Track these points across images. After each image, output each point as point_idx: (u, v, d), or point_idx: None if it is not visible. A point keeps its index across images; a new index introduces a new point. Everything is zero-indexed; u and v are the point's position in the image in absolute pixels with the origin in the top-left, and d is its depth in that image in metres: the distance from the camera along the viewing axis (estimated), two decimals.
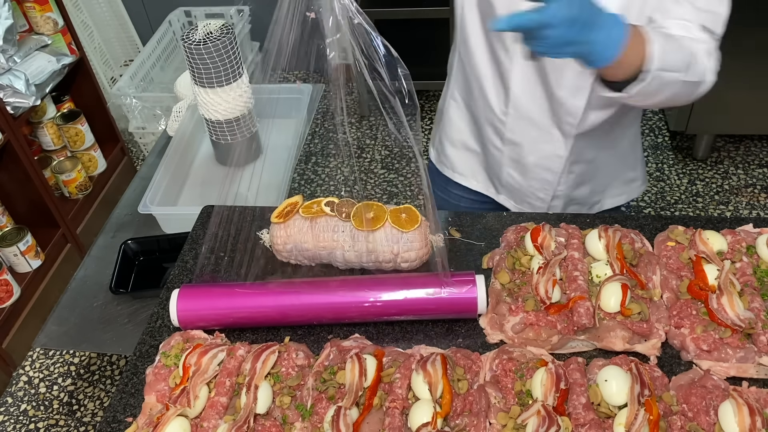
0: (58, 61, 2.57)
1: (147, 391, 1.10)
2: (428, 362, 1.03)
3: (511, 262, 1.21)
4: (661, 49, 1.08)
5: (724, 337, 1.06)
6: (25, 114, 2.45)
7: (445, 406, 0.99)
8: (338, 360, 1.09)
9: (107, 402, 2.31)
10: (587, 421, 0.96)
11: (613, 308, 1.10)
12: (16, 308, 2.40)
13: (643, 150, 2.86)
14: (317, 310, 1.17)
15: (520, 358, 1.07)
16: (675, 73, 1.11)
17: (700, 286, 1.12)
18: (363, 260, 1.25)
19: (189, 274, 1.33)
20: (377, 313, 1.17)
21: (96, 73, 3.09)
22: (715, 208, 2.75)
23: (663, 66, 1.08)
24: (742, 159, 2.96)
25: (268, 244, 1.33)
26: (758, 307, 1.08)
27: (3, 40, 2.32)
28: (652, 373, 1.03)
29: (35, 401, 2.33)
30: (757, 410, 0.94)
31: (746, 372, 1.05)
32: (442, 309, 1.16)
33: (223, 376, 1.07)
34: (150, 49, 3.21)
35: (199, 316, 1.18)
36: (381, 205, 1.26)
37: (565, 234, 1.24)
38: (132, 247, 1.80)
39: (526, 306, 1.12)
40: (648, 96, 1.13)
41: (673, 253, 1.20)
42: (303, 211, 1.27)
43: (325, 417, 1.01)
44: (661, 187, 2.87)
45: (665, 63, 1.08)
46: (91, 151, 2.87)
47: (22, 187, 2.47)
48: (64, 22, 2.66)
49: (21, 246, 2.40)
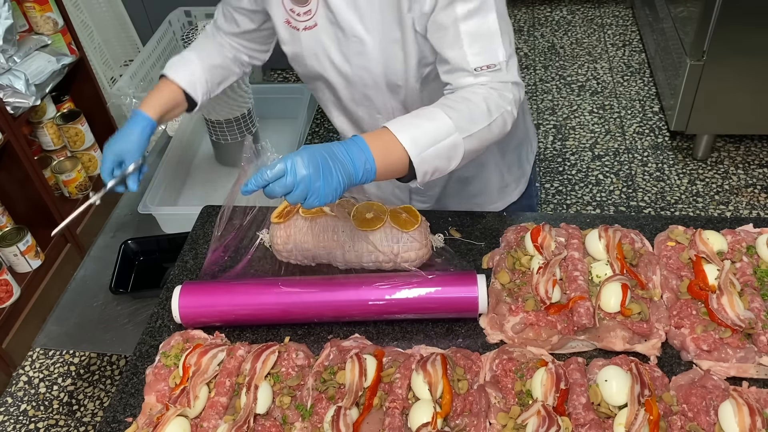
0: (58, 61, 2.56)
1: (147, 391, 1.10)
2: (428, 362, 1.03)
3: (511, 262, 1.21)
4: (409, 137, 1.06)
5: (724, 337, 1.06)
6: (25, 114, 2.45)
7: (445, 406, 0.99)
8: (338, 360, 1.09)
9: (107, 402, 2.31)
10: (587, 421, 0.96)
11: (613, 308, 1.10)
12: (16, 308, 2.40)
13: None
14: (318, 307, 1.17)
15: (520, 358, 1.07)
16: (446, 140, 1.08)
17: (700, 286, 1.12)
18: (363, 260, 1.25)
19: (189, 274, 1.33)
20: (379, 311, 1.17)
21: (96, 73, 3.09)
22: (715, 208, 2.75)
23: (421, 147, 1.06)
24: (742, 159, 2.96)
25: (268, 244, 1.33)
26: (758, 307, 1.08)
27: (3, 40, 2.32)
28: (652, 373, 1.03)
29: (35, 401, 2.33)
30: (757, 410, 0.94)
31: (746, 372, 1.05)
32: (443, 308, 1.16)
33: (223, 376, 1.07)
34: (150, 49, 3.21)
35: (200, 313, 1.19)
36: (381, 205, 1.26)
37: (565, 234, 1.24)
38: (132, 247, 1.80)
39: (526, 306, 1.12)
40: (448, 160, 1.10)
41: (673, 253, 1.20)
42: (303, 212, 1.27)
43: (325, 417, 1.01)
44: (661, 187, 2.87)
45: (421, 144, 1.06)
46: (91, 151, 2.86)
47: (22, 187, 2.47)
48: (64, 22, 2.66)
49: (21, 246, 2.40)
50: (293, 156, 1.00)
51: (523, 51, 3.76)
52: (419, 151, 1.06)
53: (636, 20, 3.89)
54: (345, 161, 1.02)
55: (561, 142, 3.15)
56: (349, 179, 1.02)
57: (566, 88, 3.47)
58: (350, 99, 1.34)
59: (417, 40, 1.20)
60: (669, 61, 3.00)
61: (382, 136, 1.07)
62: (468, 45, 1.14)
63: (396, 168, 1.08)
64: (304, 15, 1.24)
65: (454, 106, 1.11)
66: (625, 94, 3.38)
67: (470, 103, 1.12)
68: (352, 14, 1.20)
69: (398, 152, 1.06)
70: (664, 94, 3.12)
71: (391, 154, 1.06)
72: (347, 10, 1.20)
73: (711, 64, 2.64)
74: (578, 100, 3.38)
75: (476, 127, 1.11)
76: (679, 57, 2.79)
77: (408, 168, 1.08)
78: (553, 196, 2.89)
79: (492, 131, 1.13)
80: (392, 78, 1.26)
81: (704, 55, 2.63)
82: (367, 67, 1.25)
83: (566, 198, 2.87)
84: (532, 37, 3.87)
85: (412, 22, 1.17)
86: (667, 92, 3.05)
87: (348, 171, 1.02)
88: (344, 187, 1.02)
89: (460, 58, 1.15)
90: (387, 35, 1.20)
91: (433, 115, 1.10)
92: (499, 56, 1.15)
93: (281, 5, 1.26)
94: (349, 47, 1.24)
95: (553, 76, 3.55)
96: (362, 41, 1.22)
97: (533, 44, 3.81)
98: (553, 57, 3.69)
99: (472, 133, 1.10)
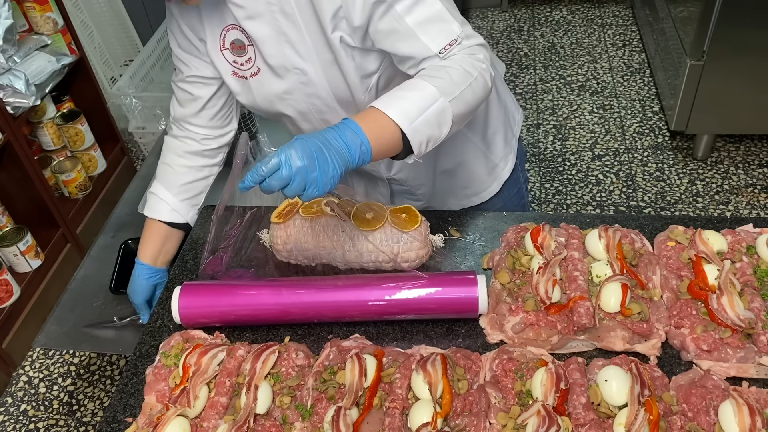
0: (58, 61, 2.57)
1: (147, 391, 1.10)
2: (428, 362, 1.03)
3: (511, 262, 1.21)
4: (398, 110, 1.07)
5: (724, 337, 1.06)
6: (25, 114, 2.45)
7: (445, 406, 0.99)
8: (338, 360, 1.09)
9: (107, 402, 2.31)
10: (587, 421, 0.96)
11: (613, 308, 1.10)
12: (16, 308, 2.40)
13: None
14: (318, 308, 1.17)
15: (520, 358, 1.07)
16: (434, 105, 1.09)
17: (700, 286, 1.12)
18: (363, 260, 1.25)
19: (189, 274, 1.33)
20: (378, 312, 1.17)
21: (96, 73, 3.09)
22: (715, 208, 2.75)
23: (411, 118, 1.08)
24: (742, 159, 2.96)
25: (268, 244, 1.33)
26: (758, 307, 1.08)
27: (3, 40, 2.32)
28: (652, 373, 1.03)
29: (35, 401, 2.33)
30: (757, 410, 0.94)
31: (746, 372, 1.05)
32: (443, 309, 1.16)
33: (223, 376, 1.07)
34: (150, 49, 3.21)
35: (200, 313, 1.18)
36: (381, 205, 1.26)
37: (565, 234, 1.24)
38: (132, 247, 1.80)
39: (526, 306, 1.12)
40: (439, 127, 1.11)
41: (673, 253, 1.20)
42: (303, 211, 1.27)
43: (325, 417, 1.01)
44: (661, 187, 2.87)
45: (411, 115, 1.08)
46: (91, 151, 2.87)
47: (22, 187, 2.47)
48: (64, 22, 2.66)
49: (21, 246, 2.40)
50: (286, 148, 1.00)
51: (523, 51, 3.76)
52: (410, 122, 1.07)
53: (636, 20, 3.89)
54: (340, 147, 1.02)
55: (561, 142, 3.15)
56: (346, 164, 1.03)
57: (566, 88, 3.47)
58: (310, 127, 1.36)
59: (352, 55, 1.21)
60: (669, 61, 3.00)
61: (371, 115, 1.08)
62: (422, 33, 1.15)
63: (390, 144, 1.08)
64: (246, 63, 1.28)
65: (434, 74, 1.13)
66: (625, 94, 3.38)
67: (448, 68, 1.13)
68: (287, 49, 1.22)
69: (390, 128, 1.07)
70: (664, 94, 3.12)
71: (384, 131, 1.07)
72: (280, 46, 1.22)
73: (711, 64, 2.64)
74: (578, 100, 3.38)
75: (459, 89, 1.12)
76: (679, 57, 2.79)
77: (402, 142, 1.09)
78: (553, 196, 2.89)
79: (475, 90, 1.14)
80: (341, 96, 1.28)
81: (704, 55, 2.63)
82: (316, 94, 1.28)
83: (566, 198, 2.87)
84: (532, 37, 3.87)
85: (340, 40, 1.18)
86: (667, 92, 3.05)
87: (344, 156, 1.02)
88: (341, 173, 1.02)
89: (421, 49, 1.16)
90: (322, 58, 1.22)
91: (415, 85, 1.11)
92: (455, 30, 1.16)
93: (224, 60, 1.30)
94: (293, 80, 1.26)
95: (553, 76, 3.55)
96: (303, 71, 1.24)
97: (533, 44, 3.81)
98: (553, 57, 3.69)
99: (456, 95, 1.11)
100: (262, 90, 1.31)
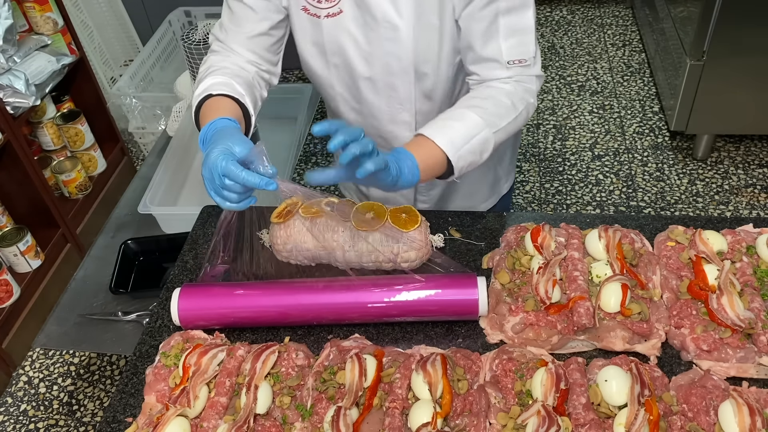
0: (58, 61, 2.56)
1: (147, 391, 1.10)
2: (428, 362, 1.03)
3: (511, 262, 1.21)
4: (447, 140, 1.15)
5: (724, 337, 1.06)
6: (25, 114, 2.45)
7: (445, 407, 0.99)
8: (338, 360, 1.09)
9: (107, 402, 2.31)
10: (587, 421, 0.96)
11: (613, 308, 1.10)
12: (16, 308, 2.40)
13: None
14: (318, 310, 1.17)
15: (520, 358, 1.07)
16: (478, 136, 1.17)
17: (700, 286, 1.12)
18: (363, 260, 1.25)
19: (189, 274, 1.33)
20: (378, 314, 1.16)
21: (96, 73, 3.09)
22: (715, 208, 2.75)
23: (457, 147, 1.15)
24: (742, 159, 2.96)
25: (268, 244, 1.33)
26: (758, 307, 1.08)
27: (3, 40, 2.32)
28: (652, 373, 1.03)
29: (35, 401, 2.33)
30: (757, 410, 0.94)
31: (746, 372, 1.05)
32: (443, 311, 1.15)
33: (223, 376, 1.07)
34: (150, 49, 3.21)
35: (199, 316, 1.18)
36: (381, 205, 1.26)
37: (565, 234, 1.23)
38: (132, 247, 1.80)
39: (526, 306, 1.12)
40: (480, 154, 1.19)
41: (673, 253, 1.20)
42: (303, 212, 1.27)
43: (325, 417, 1.01)
44: (661, 187, 2.87)
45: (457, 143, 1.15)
46: (91, 151, 2.86)
47: (22, 187, 2.47)
48: (64, 22, 2.66)
49: (21, 246, 2.40)
50: None
51: None
52: (456, 150, 1.15)
53: (636, 20, 3.89)
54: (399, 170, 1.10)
55: (561, 142, 3.15)
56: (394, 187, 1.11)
57: (566, 88, 3.47)
58: (371, 88, 1.31)
59: (454, 28, 1.21)
60: (669, 61, 3.00)
61: (421, 143, 1.16)
62: (504, 38, 1.19)
63: (435, 170, 1.17)
64: (326, 2, 1.21)
65: (481, 104, 1.19)
66: (625, 94, 3.38)
67: (495, 99, 1.19)
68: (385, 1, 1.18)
69: (437, 155, 1.15)
70: (664, 94, 3.12)
71: (431, 158, 1.15)
72: None
73: (711, 64, 2.64)
74: (578, 100, 3.38)
75: (504, 121, 1.19)
76: (679, 57, 2.79)
77: (446, 167, 1.17)
78: (553, 196, 2.89)
79: (518, 122, 1.23)
80: (422, 66, 1.25)
81: (704, 55, 2.63)
82: (396, 54, 1.23)
83: (566, 198, 2.87)
84: None
85: (453, 9, 1.18)
86: (667, 92, 3.05)
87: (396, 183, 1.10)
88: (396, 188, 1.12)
89: (494, 50, 1.19)
90: (423, 22, 1.19)
91: (462, 115, 1.18)
92: (530, 51, 1.21)
93: None
94: (378, 33, 1.21)
95: (553, 76, 3.55)
96: (395, 27, 1.20)
97: None
98: (553, 57, 3.69)
99: (501, 128, 1.19)
100: (335, 34, 1.23)
